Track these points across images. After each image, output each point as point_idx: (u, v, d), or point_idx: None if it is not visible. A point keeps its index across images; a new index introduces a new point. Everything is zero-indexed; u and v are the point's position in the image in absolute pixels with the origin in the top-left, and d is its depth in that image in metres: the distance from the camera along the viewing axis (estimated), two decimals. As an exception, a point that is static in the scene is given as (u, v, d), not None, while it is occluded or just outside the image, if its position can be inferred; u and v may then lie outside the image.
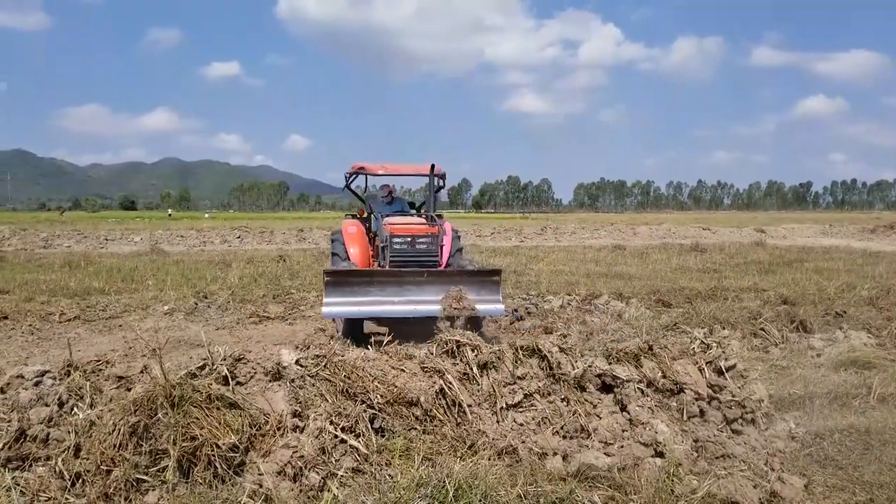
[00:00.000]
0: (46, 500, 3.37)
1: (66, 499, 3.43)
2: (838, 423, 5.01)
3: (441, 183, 9.76)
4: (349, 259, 9.15)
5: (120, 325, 9.85)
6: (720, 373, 5.00)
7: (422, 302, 7.49)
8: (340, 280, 7.68)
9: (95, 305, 11.17)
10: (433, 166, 9.23)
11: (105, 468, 3.60)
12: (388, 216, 9.28)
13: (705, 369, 4.94)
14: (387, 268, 8.25)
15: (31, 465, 3.60)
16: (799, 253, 22.18)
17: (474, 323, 7.39)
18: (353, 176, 10.06)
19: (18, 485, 3.38)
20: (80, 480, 3.57)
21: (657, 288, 12.39)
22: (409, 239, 8.39)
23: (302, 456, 3.75)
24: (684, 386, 4.67)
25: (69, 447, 3.64)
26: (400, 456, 3.88)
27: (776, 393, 5.59)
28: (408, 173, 9.96)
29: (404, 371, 4.45)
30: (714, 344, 5.22)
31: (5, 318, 9.94)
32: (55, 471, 3.53)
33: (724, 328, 8.38)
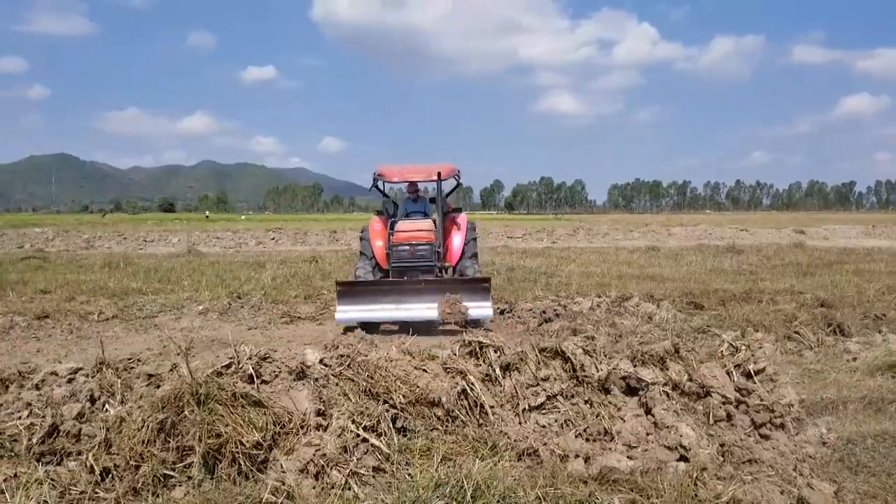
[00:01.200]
0: (77, 494, 3.46)
1: (96, 493, 3.52)
2: (872, 429, 4.90)
3: (458, 180, 10.88)
4: (374, 256, 10.22)
5: (155, 325, 10.07)
6: (749, 376, 4.92)
7: (421, 308, 8.63)
8: (350, 290, 8.94)
9: (133, 305, 11.42)
10: (440, 173, 10.04)
11: (134, 464, 3.68)
12: (403, 219, 10.35)
13: (733, 372, 4.86)
14: (390, 268, 9.62)
15: (62, 460, 3.70)
16: (839, 254, 21.69)
17: (474, 325, 8.28)
18: (377, 180, 10.72)
19: (51, 478, 3.47)
20: (110, 475, 3.66)
21: (690, 290, 12.23)
22: (408, 246, 9.53)
23: (324, 454, 3.79)
24: (711, 389, 4.60)
25: (99, 443, 3.73)
26: (421, 456, 3.90)
27: (808, 397, 5.48)
28: (418, 180, 10.63)
29: (426, 371, 4.47)
30: (743, 347, 5.13)
31: (46, 317, 10.22)
32: (86, 465, 3.62)
33: (757, 331, 8.25)
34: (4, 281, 14.30)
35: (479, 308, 8.56)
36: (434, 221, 10.16)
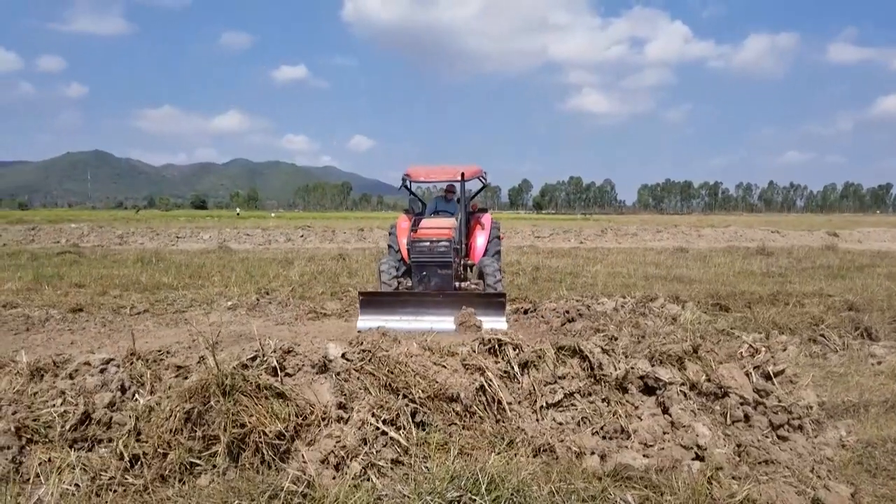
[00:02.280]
0: (107, 480, 3.60)
1: (125, 479, 3.66)
2: (892, 433, 4.87)
3: (484, 181, 11.23)
4: (400, 250, 10.65)
5: (185, 319, 10.27)
6: (768, 378, 4.93)
7: (438, 319, 8.75)
8: (372, 300, 9.25)
9: (164, 300, 11.66)
10: (463, 174, 10.35)
11: (162, 451, 3.82)
12: (427, 218, 10.66)
13: (752, 374, 4.88)
14: (411, 265, 9.87)
15: (94, 446, 3.85)
16: (872, 258, 21.33)
17: None
18: (405, 180, 11.06)
19: (82, 464, 3.62)
20: (139, 462, 3.80)
21: (716, 292, 12.15)
22: (427, 243, 9.64)
23: (344, 446, 3.90)
24: (729, 390, 4.62)
25: (129, 430, 3.88)
26: (438, 449, 3.98)
27: (829, 400, 5.46)
28: (442, 180, 10.94)
29: (446, 367, 4.56)
30: (763, 348, 5.14)
31: (80, 310, 10.50)
32: (116, 452, 3.77)
33: (782, 333, 8.20)
34: (41, 275, 14.68)
35: (494, 322, 8.76)
36: (457, 220, 10.40)
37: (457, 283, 10.05)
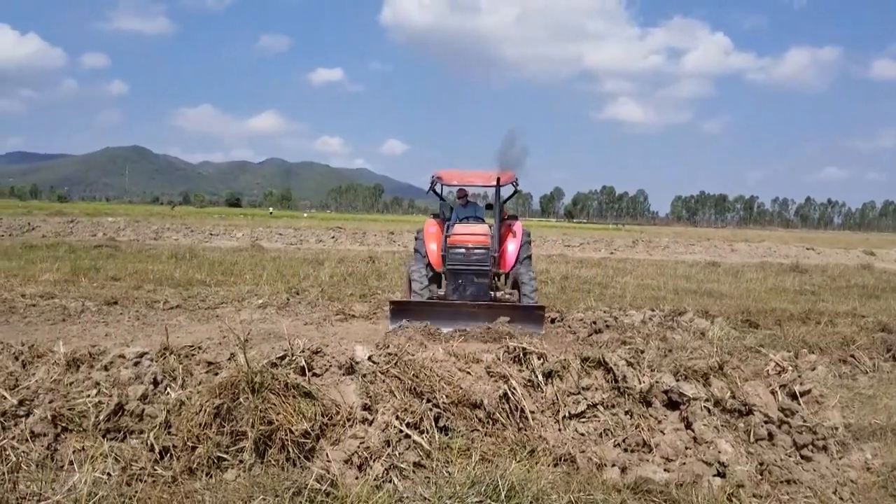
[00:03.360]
0: (137, 470, 3.72)
1: (155, 470, 3.77)
2: (920, 458, 4.80)
3: (516, 187, 10.70)
4: (427, 255, 10.30)
5: (217, 316, 10.47)
6: (794, 397, 4.90)
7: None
8: (402, 308, 9.03)
9: (196, 296, 11.89)
10: (499, 178, 10.06)
11: (191, 445, 3.92)
12: (458, 223, 10.23)
13: (778, 392, 4.85)
14: (445, 273, 9.63)
15: (126, 437, 3.97)
16: (910, 278, 20.90)
17: None
18: (434, 183, 10.87)
19: (114, 454, 3.74)
20: (168, 454, 3.91)
21: (747, 308, 12.02)
22: (463, 250, 9.40)
23: (368, 447, 3.96)
24: (753, 407, 4.60)
25: (160, 423, 3.99)
26: (460, 455, 4.03)
27: (856, 422, 5.39)
28: (476, 184, 10.74)
29: (470, 374, 4.61)
30: (790, 367, 5.10)
31: (115, 303, 10.76)
32: (147, 444, 3.88)
33: (812, 353, 8.09)
34: (78, 267, 15.05)
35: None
36: (490, 227, 10.21)
37: (490, 293, 9.79)
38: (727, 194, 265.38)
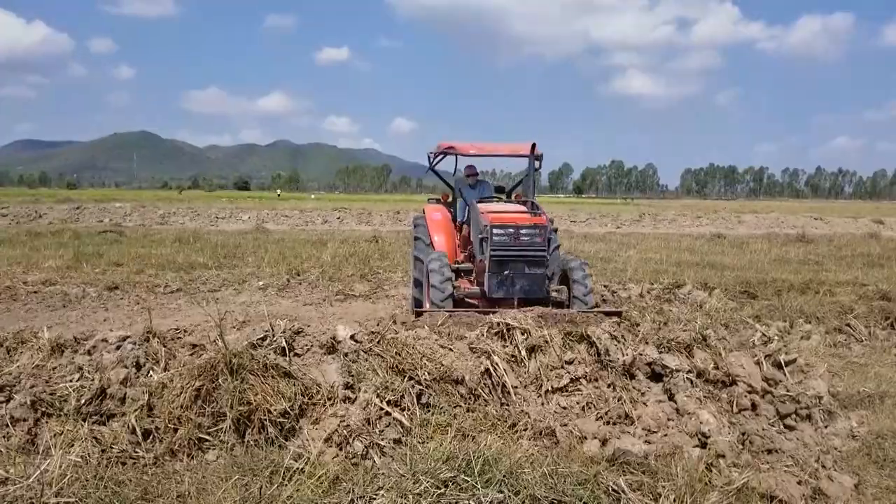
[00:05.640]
0: (117, 452, 3.76)
1: (136, 452, 3.82)
2: (906, 425, 4.79)
3: (538, 165, 8.65)
4: (433, 247, 8.56)
5: (217, 299, 10.51)
6: (779, 367, 4.89)
7: None
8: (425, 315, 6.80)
9: (197, 279, 11.96)
10: (534, 145, 8.28)
11: (172, 427, 3.97)
12: (480, 202, 8.23)
13: (763, 363, 4.84)
14: (486, 262, 7.22)
15: (107, 421, 4.02)
16: (917, 246, 20.72)
17: None
18: (440, 156, 9.32)
19: (94, 437, 3.78)
20: (150, 437, 3.96)
21: (747, 279, 11.97)
22: (511, 230, 7.23)
23: (349, 425, 3.99)
24: (737, 378, 4.60)
25: (142, 406, 4.03)
26: (440, 431, 4.05)
27: (844, 390, 5.38)
28: (503, 154, 9.06)
29: (452, 350, 4.62)
30: (776, 337, 5.09)
31: (116, 288, 10.83)
32: (128, 426, 3.93)
33: (808, 322, 8.07)
34: (81, 253, 15.12)
35: None
36: (524, 204, 8.27)
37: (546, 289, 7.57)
38: (737, 166, 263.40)
